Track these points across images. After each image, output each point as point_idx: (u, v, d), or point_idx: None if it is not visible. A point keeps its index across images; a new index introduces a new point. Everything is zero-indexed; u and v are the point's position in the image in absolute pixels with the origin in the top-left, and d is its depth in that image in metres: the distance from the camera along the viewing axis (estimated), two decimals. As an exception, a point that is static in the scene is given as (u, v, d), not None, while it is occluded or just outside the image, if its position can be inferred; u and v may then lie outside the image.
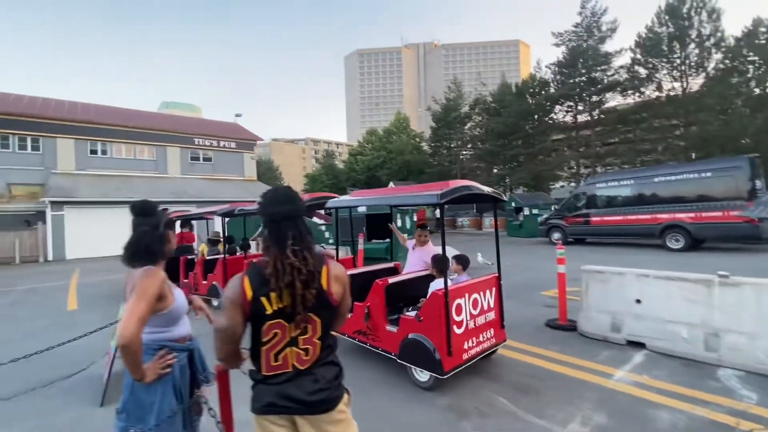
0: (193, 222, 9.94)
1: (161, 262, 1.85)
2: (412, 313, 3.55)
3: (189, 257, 8.26)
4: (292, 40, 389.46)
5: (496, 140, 26.58)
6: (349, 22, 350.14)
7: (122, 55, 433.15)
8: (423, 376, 3.39)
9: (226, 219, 7.08)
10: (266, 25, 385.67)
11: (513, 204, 19.28)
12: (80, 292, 9.39)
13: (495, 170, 29.93)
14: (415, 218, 10.99)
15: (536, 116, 25.57)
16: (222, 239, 7.38)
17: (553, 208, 17.72)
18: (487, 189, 3.75)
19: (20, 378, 3.86)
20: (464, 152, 32.77)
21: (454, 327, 3.33)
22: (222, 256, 6.88)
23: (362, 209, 10.12)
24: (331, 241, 8.77)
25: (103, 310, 7.30)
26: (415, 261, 4.60)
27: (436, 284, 3.57)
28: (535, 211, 18.14)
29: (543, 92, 25.60)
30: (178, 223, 9.30)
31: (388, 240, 10.32)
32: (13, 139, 21.76)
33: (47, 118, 22.51)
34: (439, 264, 3.70)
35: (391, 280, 3.99)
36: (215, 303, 6.78)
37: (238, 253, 7.68)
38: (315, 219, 12.48)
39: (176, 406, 1.79)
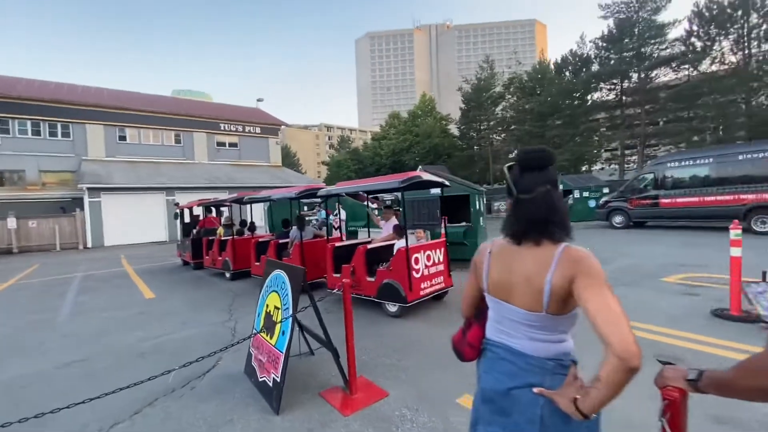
0: (222, 208, 11.40)
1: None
2: (385, 266, 5.10)
3: (210, 238, 9.49)
4: (301, 25, 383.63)
5: (535, 121, 25.37)
6: (360, 4, 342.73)
7: (131, 44, 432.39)
8: (393, 308, 4.96)
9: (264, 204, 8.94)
10: (274, 9, 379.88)
11: (561, 186, 18.41)
12: (144, 279, 9.03)
13: (530, 153, 28.57)
14: (484, 201, 10.48)
15: (578, 95, 24.29)
16: (232, 223, 9.04)
17: (604, 191, 16.93)
18: (436, 178, 5.33)
19: (144, 376, 3.32)
20: (495, 134, 31.62)
21: (413, 273, 4.82)
22: (232, 237, 8.40)
23: (435, 191, 9.60)
24: (383, 222, 8.49)
25: (181, 297, 6.91)
26: (386, 230, 6.00)
27: (400, 244, 5.05)
28: (585, 194, 17.30)
29: (585, 69, 24.25)
30: (201, 209, 10.98)
31: (464, 223, 9.73)
32: (44, 126, 21.42)
33: (76, 104, 22.10)
34: (398, 231, 5.30)
35: (369, 246, 5.42)
36: (227, 275, 8.36)
37: (245, 234, 8.92)
38: (366, 203, 11.95)
39: None
